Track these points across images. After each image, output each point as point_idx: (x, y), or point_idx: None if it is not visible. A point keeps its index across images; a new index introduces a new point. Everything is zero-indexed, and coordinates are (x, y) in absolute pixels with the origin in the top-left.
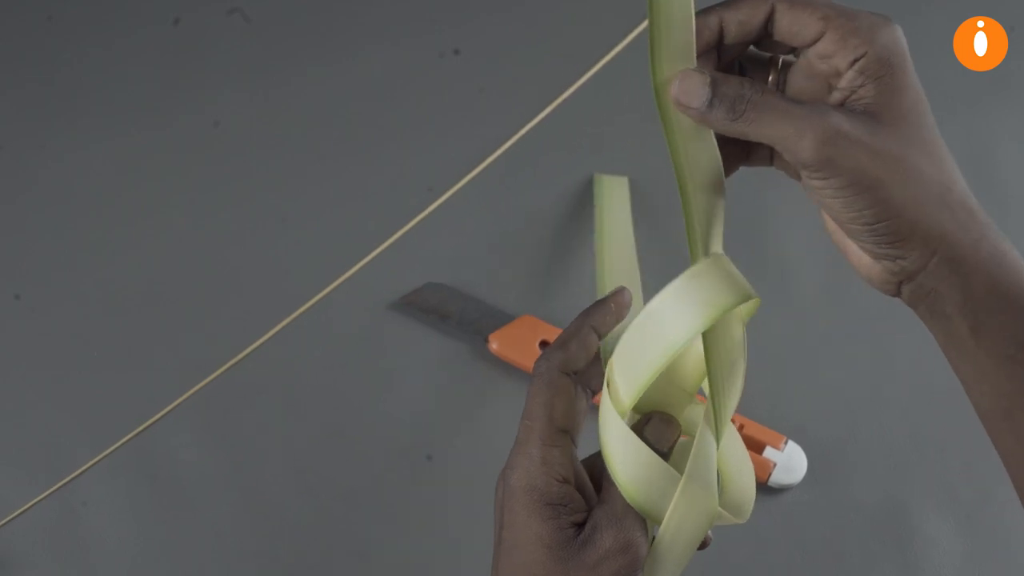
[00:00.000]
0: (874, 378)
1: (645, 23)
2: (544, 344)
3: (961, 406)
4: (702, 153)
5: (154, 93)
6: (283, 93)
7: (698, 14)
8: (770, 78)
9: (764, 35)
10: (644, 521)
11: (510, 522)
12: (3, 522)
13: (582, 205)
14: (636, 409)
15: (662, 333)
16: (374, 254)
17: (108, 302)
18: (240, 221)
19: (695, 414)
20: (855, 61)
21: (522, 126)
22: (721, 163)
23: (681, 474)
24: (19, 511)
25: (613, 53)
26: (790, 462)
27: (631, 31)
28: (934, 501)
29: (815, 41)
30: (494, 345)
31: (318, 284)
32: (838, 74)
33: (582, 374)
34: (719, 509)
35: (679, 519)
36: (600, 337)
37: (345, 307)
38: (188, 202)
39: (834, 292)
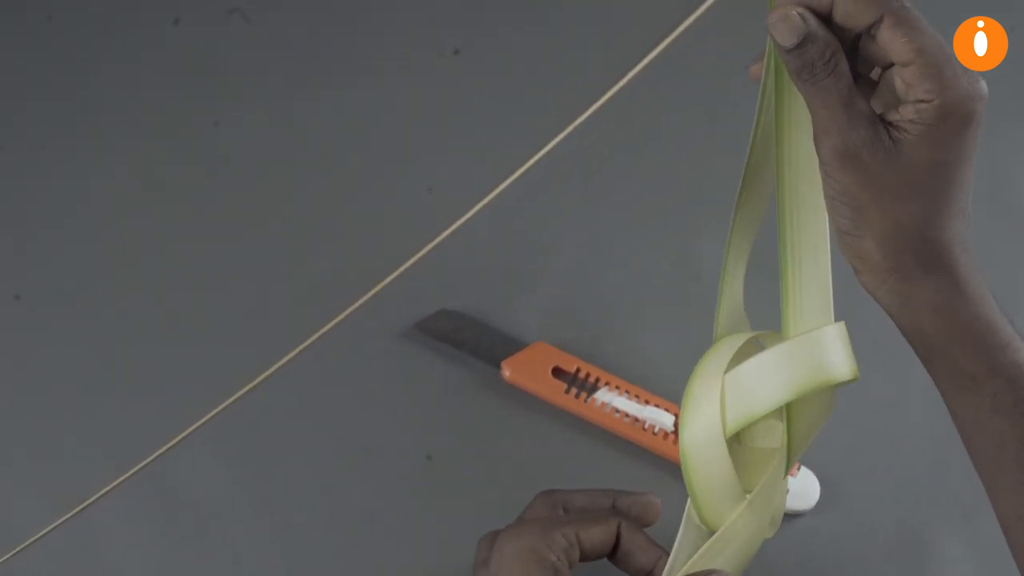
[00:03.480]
0: (887, 403)
1: (669, 39)
2: (557, 371)
3: None
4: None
5: (154, 93)
6: (283, 93)
7: None
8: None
9: (867, 37)
10: None
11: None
12: (17, 549)
13: (595, 232)
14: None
15: (781, 381)
16: (388, 280)
17: (109, 302)
18: (244, 220)
19: (775, 432)
20: (919, 102)
21: (533, 152)
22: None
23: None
24: (34, 538)
25: (643, 64)
26: (802, 488)
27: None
28: (948, 526)
29: (903, 65)
30: (507, 372)
31: (332, 310)
32: (905, 100)
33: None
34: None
35: (734, 533)
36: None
37: (359, 334)
38: (188, 202)
39: (847, 317)
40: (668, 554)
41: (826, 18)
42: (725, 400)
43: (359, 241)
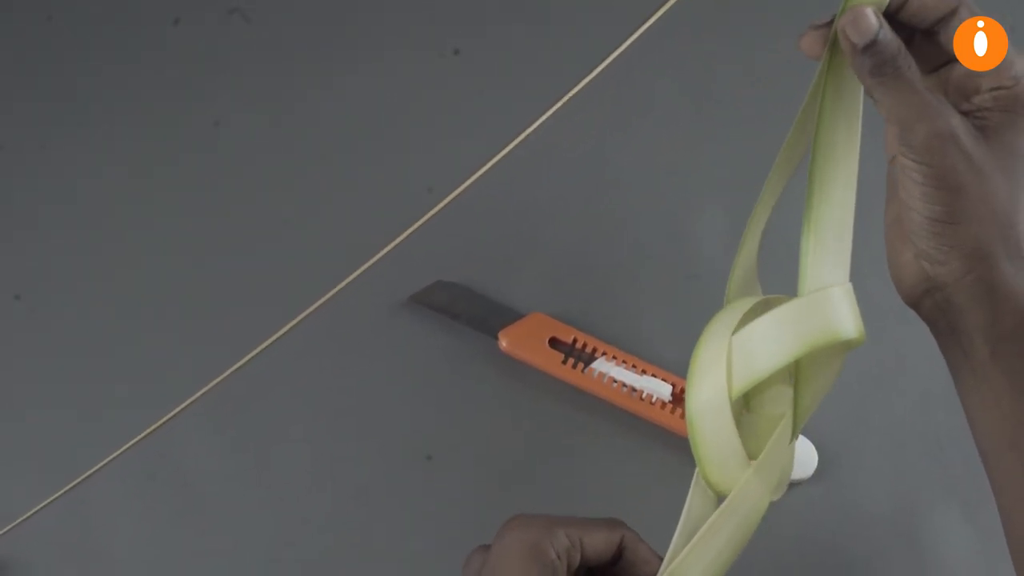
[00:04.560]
0: (885, 373)
1: (650, 21)
2: (554, 342)
3: None
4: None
5: (154, 93)
6: (283, 93)
7: None
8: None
9: (933, 31)
10: None
11: (503, 570)
12: (11, 526)
13: (591, 202)
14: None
15: (785, 341)
16: (383, 252)
17: (109, 302)
18: (244, 221)
19: (784, 398)
20: (996, 89)
21: (530, 122)
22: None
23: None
24: (27, 515)
25: (629, 42)
26: (800, 457)
27: (633, 30)
28: (945, 496)
29: None
30: (504, 343)
31: (328, 283)
32: (977, 92)
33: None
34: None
35: (742, 499)
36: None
37: (355, 306)
38: (188, 202)
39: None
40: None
41: (889, 16)
42: (731, 362)
43: (355, 214)
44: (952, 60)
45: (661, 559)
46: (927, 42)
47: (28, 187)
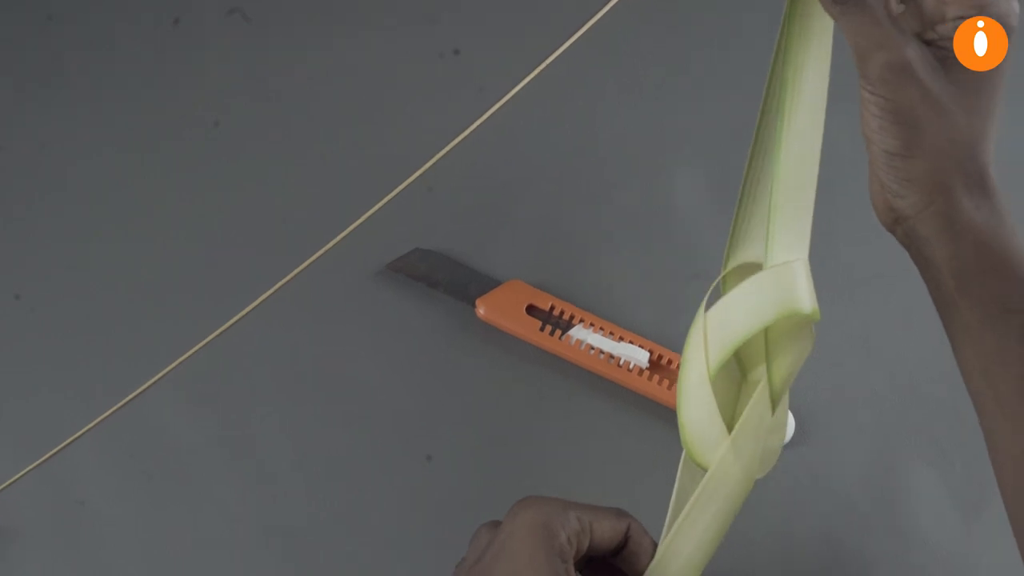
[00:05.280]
0: (859, 340)
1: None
2: (531, 309)
3: (948, 362)
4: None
5: (154, 93)
6: (283, 93)
7: None
8: None
9: None
10: None
11: (508, 552)
12: None
13: (568, 170)
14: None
15: (751, 311)
16: (361, 220)
17: (109, 301)
18: (241, 220)
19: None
20: (960, 18)
21: (506, 91)
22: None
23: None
24: (7, 482)
25: (603, 11)
26: None
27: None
28: (920, 459)
29: None
30: (482, 310)
31: (306, 251)
32: (942, 20)
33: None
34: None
35: (723, 473)
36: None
37: (333, 273)
38: (189, 202)
39: (821, 251)
40: None
41: None
42: (707, 338)
43: (332, 181)
44: None
45: None
46: None
47: (28, 187)
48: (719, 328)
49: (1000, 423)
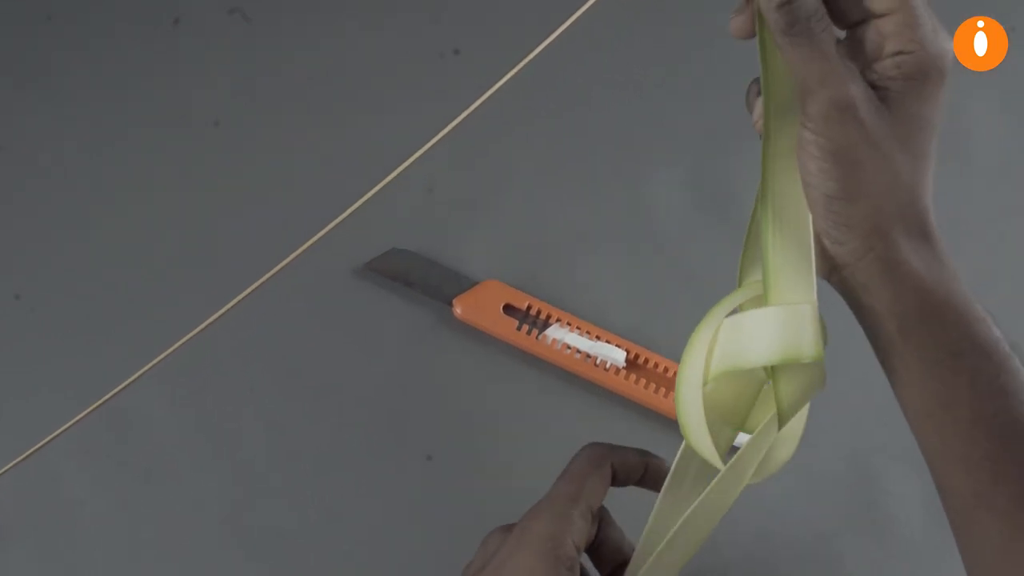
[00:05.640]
0: (839, 336)
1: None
2: (508, 308)
3: None
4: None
5: (154, 93)
6: (283, 93)
7: None
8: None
9: None
10: None
11: (512, 563)
12: None
13: (545, 170)
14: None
15: (755, 346)
16: (339, 220)
17: (110, 301)
18: (242, 219)
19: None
20: (899, 53)
21: (483, 91)
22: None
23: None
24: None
25: (581, 11)
26: None
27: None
28: (899, 455)
29: (883, 15)
30: (458, 310)
31: (283, 251)
32: (880, 56)
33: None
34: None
35: (716, 490)
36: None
37: (311, 273)
38: (189, 201)
39: None
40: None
41: None
42: (715, 345)
43: (332, 181)
44: (866, 19)
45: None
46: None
47: (28, 187)
48: (726, 343)
49: (949, 466)
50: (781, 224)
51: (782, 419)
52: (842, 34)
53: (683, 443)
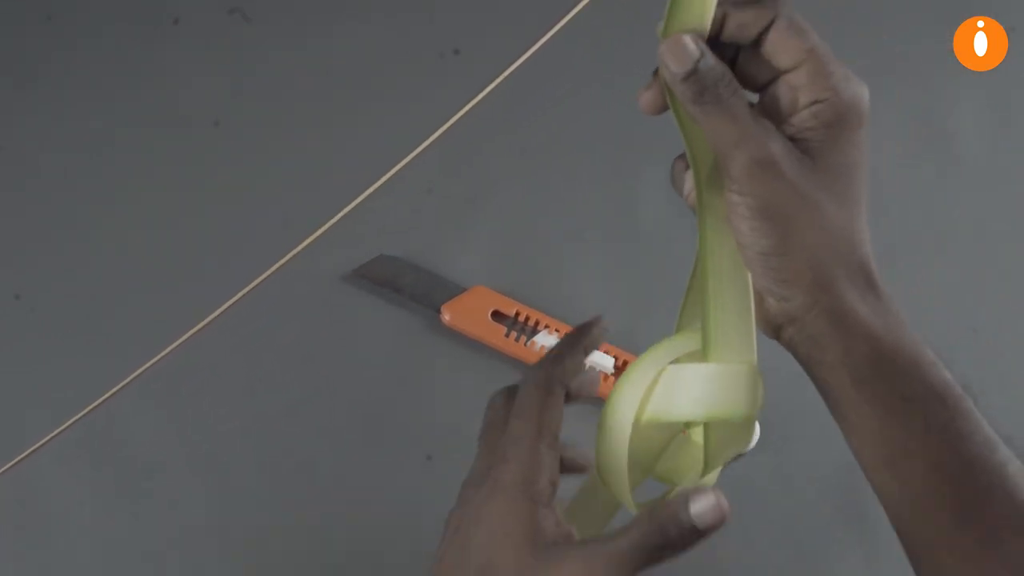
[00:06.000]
0: None
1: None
2: (496, 315)
3: None
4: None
5: (154, 93)
6: (283, 93)
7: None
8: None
9: (754, 48)
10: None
11: (488, 515)
12: None
13: (533, 178)
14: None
15: (690, 400)
16: (327, 226)
17: (109, 301)
18: (242, 219)
19: (687, 455)
20: (814, 103)
21: (470, 97)
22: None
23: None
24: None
25: (577, 9)
26: None
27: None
28: None
29: (792, 69)
30: (447, 316)
31: (271, 257)
32: (795, 110)
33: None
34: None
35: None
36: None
37: (299, 280)
38: (189, 201)
39: None
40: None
41: (710, 41)
42: (655, 388)
43: (309, 181)
44: (775, 77)
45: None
46: (754, 58)
47: (28, 187)
48: (663, 393)
49: (909, 511)
50: (720, 285)
51: (708, 468)
52: (755, 97)
53: (588, 476)
